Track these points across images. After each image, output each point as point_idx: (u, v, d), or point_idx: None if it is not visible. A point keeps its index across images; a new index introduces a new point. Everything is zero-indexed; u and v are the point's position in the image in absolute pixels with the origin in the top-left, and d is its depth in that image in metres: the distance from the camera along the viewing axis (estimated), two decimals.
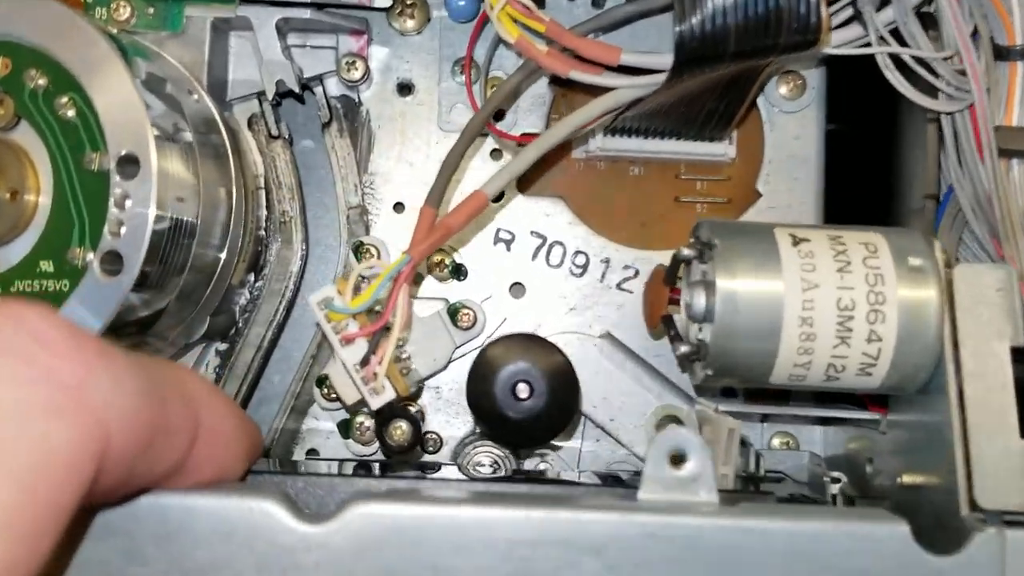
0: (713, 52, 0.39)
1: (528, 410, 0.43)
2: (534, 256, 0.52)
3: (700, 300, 0.40)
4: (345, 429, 0.52)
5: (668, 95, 0.44)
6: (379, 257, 0.50)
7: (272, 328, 0.52)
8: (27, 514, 0.24)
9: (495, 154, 0.53)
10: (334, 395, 0.50)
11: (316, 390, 0.51)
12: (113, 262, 0.42)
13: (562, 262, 0.52)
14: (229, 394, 0.51)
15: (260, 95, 0.52)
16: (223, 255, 0.47)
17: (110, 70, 0.43)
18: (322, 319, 0.41)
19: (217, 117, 0.48)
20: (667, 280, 0.43)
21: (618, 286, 0.52)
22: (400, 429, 0.45)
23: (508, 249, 0.52)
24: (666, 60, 0.41)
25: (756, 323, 0.38)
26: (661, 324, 0.43)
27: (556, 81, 0.49)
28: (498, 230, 0.52)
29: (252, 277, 0.52)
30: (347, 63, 0.51)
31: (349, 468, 0.50)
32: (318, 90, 0.52)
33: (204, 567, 0.34)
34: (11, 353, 0.25)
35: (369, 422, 0.51)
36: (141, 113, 0.42)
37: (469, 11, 0.50)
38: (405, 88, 0.53)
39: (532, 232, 0.52)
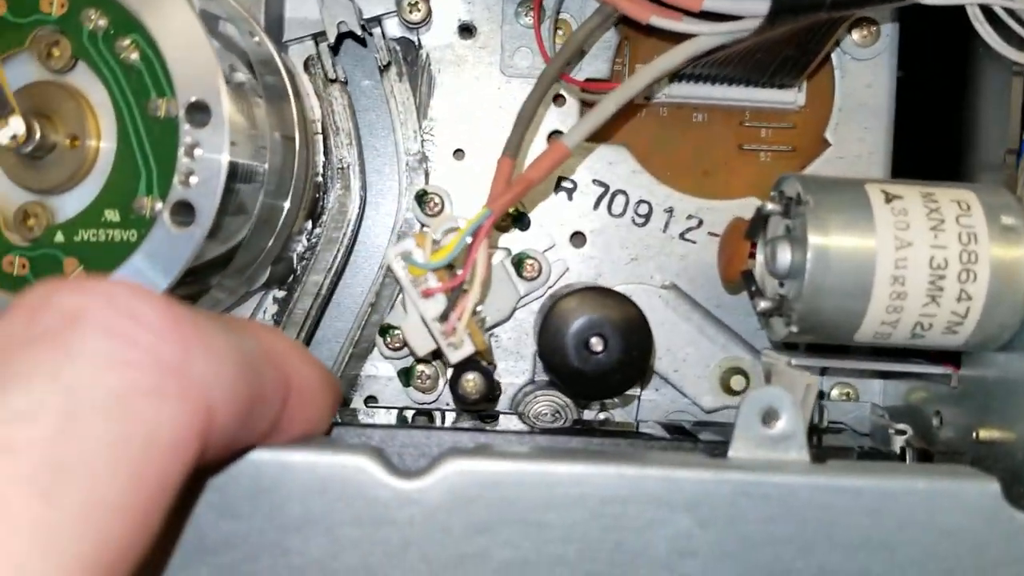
0: (813, 1, 0.38)
1: (602, 363, 0.43)
2: (596, 205, 0.51)
3: (785, 256, 0.39)
4: (406, 377, 0.51)
5: (750, 43, 0.43)
6: (443, 207, 0.49)
7: (330, 276, 0.51)
8: (138, 497, 0.24)
9: (559, 100, 0.51)
10: (398, 344, 0.50)
11: (379, 339, 0.50)
12: (184, 213, 0.41)
13: (624, 211, 0.51)
14: None
15: (317, 36, 0.50)
16: (287, 203, 0.46)
17: (175, 11, 0.41)
18: (402, 272, 0.40)
19: (277, 59, 0.47)
20: (749, 234, 0.42)
21: (681, 236, 0.51)
22: (472, 381, 0.44)
23: (570, 198, 0.51)
24: (755, 6, 0.40)
25: (847, 281, 0.38)
26: (740, 278, 0.42)
27: (628, 25, 0.48)
28: (560, 178, 0.51)
29: (310, 224, 0.51)
30: (409, 4, 0.49)
31: (410, 417, 0.50)
32: (376, 32, 0.51)
33: (298, 522, 0.34)
34: (110, 334, 0.24)
35: (430, 370, 0.51)
36: (211, 57, 0.41)
37: None
38: (466, 30, 0.51)
39: (594, 180, 0.51)
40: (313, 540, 0.33)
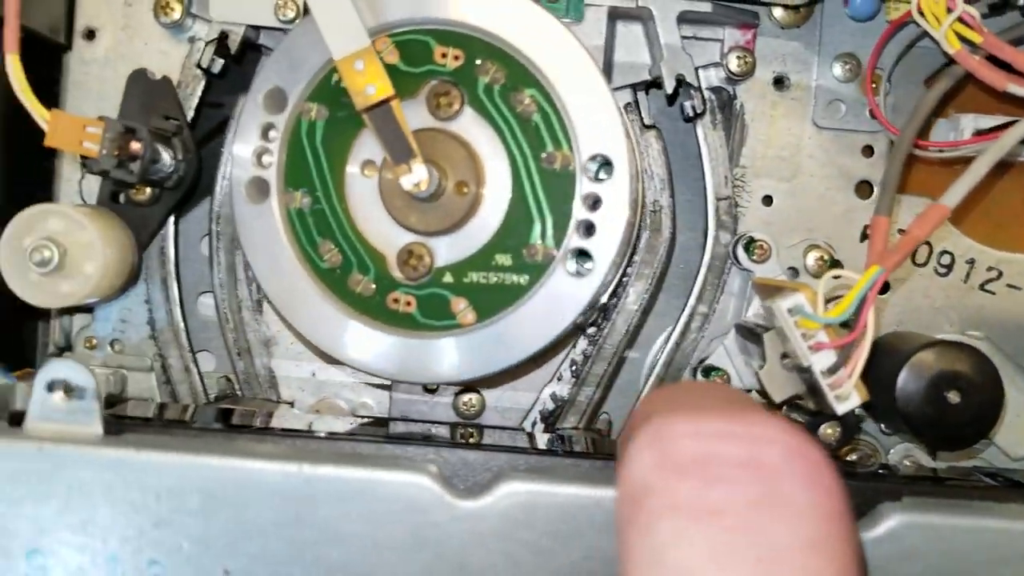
0: None
1: (958, 415, 0.45)
2: None
3: None
4: None
5: None
6: (770, 254, 0.51)
7: (638, 313, 0.53)
8: None
9: (866, 151, 0.53)
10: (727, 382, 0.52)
11: (700, 377, 0.52)
12: (582, 261, 0.43)
13: (927, 261, 0.53)
14: (595, 375, 0.53)
15: (635, 84, 0.52)
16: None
17: (579, 67, 0.43)
18: (791, 325, 0.42)
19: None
20: None
21: (981, 287, 0.53)
22: (833, 429, 0.46)
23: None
24: None
25: None
26: None
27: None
28: (865, 227, 0.53)
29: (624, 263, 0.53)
30: (738, 57, 0.51)
31: None
32: (691, 87, 0.52)
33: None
34: (803, 484, 0.27)
35: None
36: (615, 114, 0.43)
37: (867, 10, 0.50)
38: (780, 81, 0.53)
39: (899, 230, 0.53)
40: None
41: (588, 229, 0.43)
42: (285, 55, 0.45)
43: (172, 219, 0.52)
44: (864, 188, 0.53)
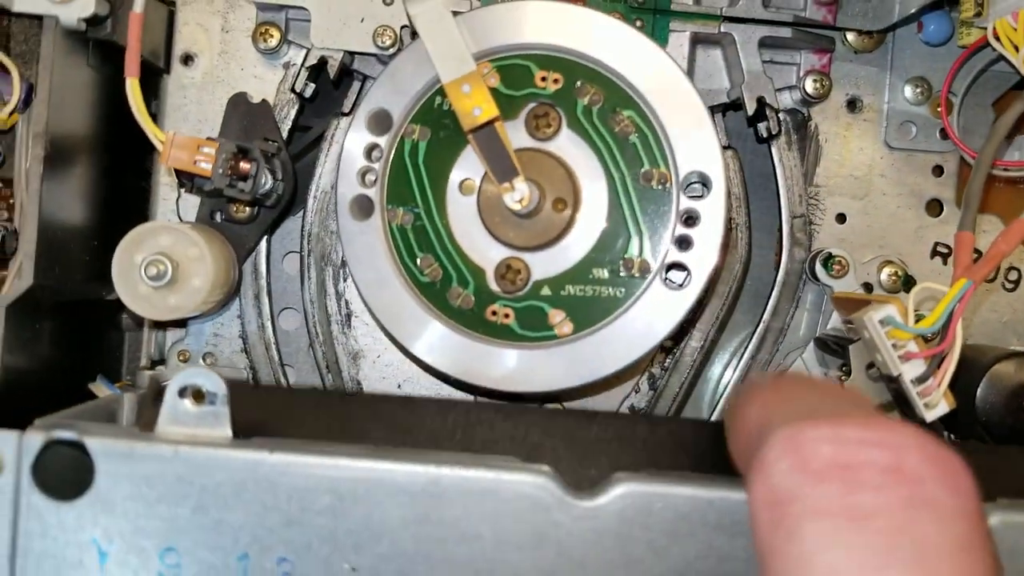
0: None
1: None
2: None
3: None
4: None
5: None
6: (848, 270, 0.53)
7: (715, 328, 0.55)
8: None
9: (935, 171, 0.55)
10: None
11: None
12: (677, 276, 0.45)
13: (995, 276, 0.55)
14: (672, 389, 0.55)
15: (713, 107, 0.54)
16: None
17: (677, 88, 0.45)
18: (882, 336, 0.44)
19: None
20: None
21: None
22: None
23: (944, 263, 0.55)
24: None
25: None
26: None
27: None
28: (936, 243, 0.55)
29: None
30: (814, 80, 0.53)
31: None
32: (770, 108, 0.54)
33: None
34: (946, 488, 0.28)
35: None
36: (711, 134, 0.45)
37: (941, 35, 0.52)
38: (852, 104, 0.55)
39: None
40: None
41: (684, 243, 0.45)
42: (390, 79, 0.47)
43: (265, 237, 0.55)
44: (934, 206, 0.55)
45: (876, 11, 0.52)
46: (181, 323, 0.56)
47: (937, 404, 0.44)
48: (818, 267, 0.53)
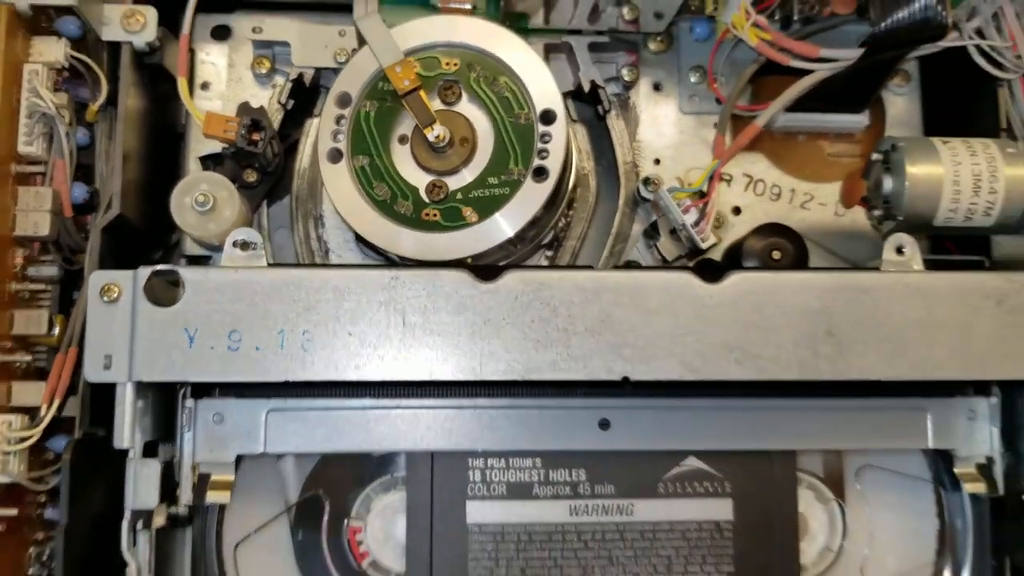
0: (890, 43, 0.70)
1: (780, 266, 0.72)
2: (745, 188, 0.82)
3: (888, 181, 0.69)
4: None
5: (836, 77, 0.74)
6: (659, 185, 0.79)
7: (580, 241, 0.80)
8: None
9: (715, 126, 0.82)
10: None
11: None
12: (541, 174, 0.70)
13: (764, 191, 0.82)
14: None
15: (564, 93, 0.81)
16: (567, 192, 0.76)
17: (529, 59, 0.72)
18: (670, 200, 0.70)
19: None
20: (864, 174, 0.72)
21: (801, 206, 0.81)
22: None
23: (728, 185, 0.82)
24: (847, 52, 0.72)
25: (928, 189, 0.68)
26: (860, 202, 0.73)
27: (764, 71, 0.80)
28: (721, 173, 0.82)
29: (566, 207, 0.80)
30: (628, 71, 0.81)
31: None
32: (601, 89, 0.81)
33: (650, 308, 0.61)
34: None
35: None
36: (552, 83, 0.71)
37: (704, 33, 0.81)
38: (657, 86, 0.83)
39: (744, 173, 0.82)
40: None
41: (543, 154, 0.71)
42: (350, 71, 0.73)
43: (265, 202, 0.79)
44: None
45: (661, 22, 0.81)
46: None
47: (708, 239, 0.70)
48: (641, 187, 0.79)
